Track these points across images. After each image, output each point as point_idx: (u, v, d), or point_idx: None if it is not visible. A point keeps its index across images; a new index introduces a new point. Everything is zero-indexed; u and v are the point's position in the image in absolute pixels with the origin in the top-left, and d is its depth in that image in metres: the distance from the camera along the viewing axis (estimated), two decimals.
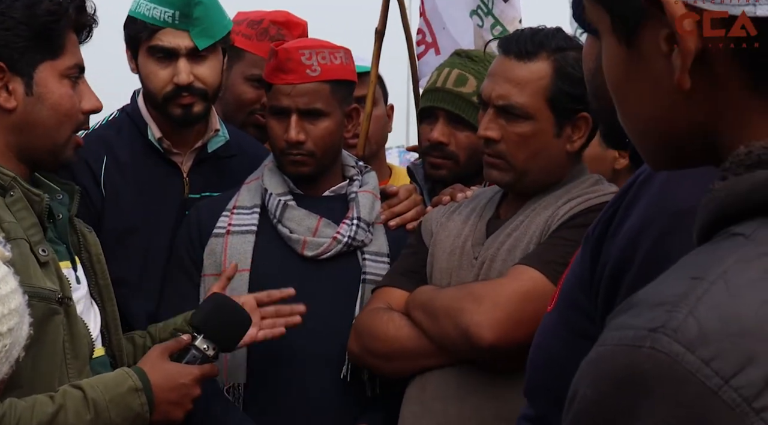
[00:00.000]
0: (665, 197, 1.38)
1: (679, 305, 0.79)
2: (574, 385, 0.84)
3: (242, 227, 2.79)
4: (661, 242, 1.36)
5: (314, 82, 2.78)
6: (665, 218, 1.37)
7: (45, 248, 2.22)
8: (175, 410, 2.30)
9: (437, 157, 2.99)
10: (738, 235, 0.84)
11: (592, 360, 0.83)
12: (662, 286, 0.83)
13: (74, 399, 2.14)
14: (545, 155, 2.49)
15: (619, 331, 0.81)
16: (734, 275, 0.80)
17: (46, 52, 2.28)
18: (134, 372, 2.27)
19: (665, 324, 0.78)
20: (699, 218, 0.90)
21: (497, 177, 2.51)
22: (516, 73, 2.45)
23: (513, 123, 2.45)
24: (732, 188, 0.87)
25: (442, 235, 2.59)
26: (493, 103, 2.46)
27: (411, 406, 2.50)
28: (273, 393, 2.72)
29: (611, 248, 1.42)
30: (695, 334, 0.77)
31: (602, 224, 1.45)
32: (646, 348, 0.78)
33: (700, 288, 0.79)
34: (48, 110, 2.29)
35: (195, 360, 2.36)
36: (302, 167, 2.80)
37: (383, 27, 3.45)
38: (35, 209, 2.25)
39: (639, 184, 1.42)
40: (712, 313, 0.78)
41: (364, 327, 2.57)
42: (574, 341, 1.46)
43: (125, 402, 2.20)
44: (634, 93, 0.97)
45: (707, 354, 0.76)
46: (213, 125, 3.01)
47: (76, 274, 2.35)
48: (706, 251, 0.85)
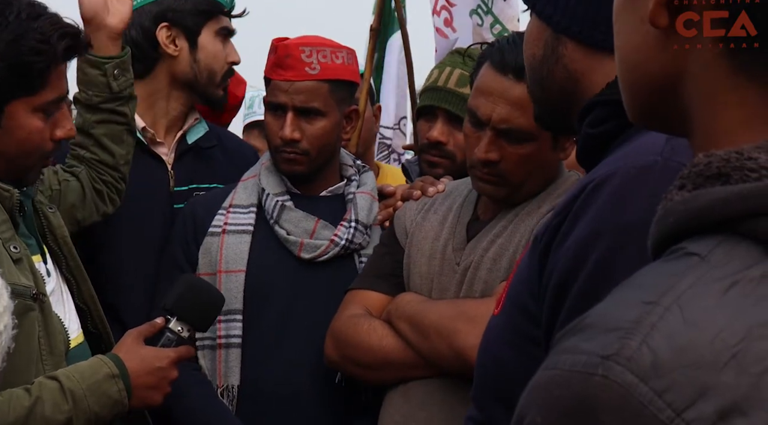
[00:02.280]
0: (614, 209, 1.37)
1: (632, 332, 0.77)
2: (522, 409, 0.82)
3: (238, 227, 2.76)
4: (608, 257, 1.35)
5: (312, 81, 2.75)
6: (613, 232, 1.36)
7: (17, 245, 2.19)
8: (154, 394, 2.28)
9: (435, 156, 2.97)
10: (693, 254, 0.81)
11: (541, 384, 0.81)
12: (614, 308, 0.81)
13: (51, 390, 2.12)
14: (542, 169, 2.46)
15: (571, 355, 0.79)
16: (689, 301, 0.78)
17: (21, 88, 2.19)
18: (109, 358, 2.24)
19: (618, 351, 0.76)
20: (655, 230, 0.88)
21: (492, 192, 2.46)
22: (516, 95, 2.33)
23: (515, 145, 2.40)
24: (690, 203, 0.84)
25: (419, 236, 2.55)
26: (493, 126, 2.39)
27: (393, 415, 2.47)
28: (267, 396, 2.69)
29: (558, 257, 1.40)
30: (649, 364, 0.75)
31: (551, 231, 1.43)
32: (598, 377, 0.76)
33: (654, 314, 0.77)
34: (15, 142, 2.23)
35: (170, 343, 2.33)
36: (296, 166, 2.77)
37: (378, 24, 3.44)
38: (5, 205, 2.21)
39: (588, 192, 1.40)
40: (667, 342, 0.76)
41: (343, 335, 2.53)
42: (522, 345, 1.47)
43: (102, 389, 2.19)
44: (623, 29, 0.95)
45: (660, 386, 0.75)
46: (194, 113, 3.02)
47: (46, 267, 2.32)
48: (659, 271, 0.83)
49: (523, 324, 1.48)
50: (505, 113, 2.37)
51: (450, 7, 3.81)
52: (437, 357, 2.40)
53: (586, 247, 1.37)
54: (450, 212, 2.56)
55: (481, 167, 2.43)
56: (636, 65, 0.93)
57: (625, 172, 1.39)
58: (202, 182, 2.96)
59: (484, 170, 2.43)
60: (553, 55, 1.55)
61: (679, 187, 0.86)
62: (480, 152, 2.41)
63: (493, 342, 1.57)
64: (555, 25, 1.54)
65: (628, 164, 1.39)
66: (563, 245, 1.40)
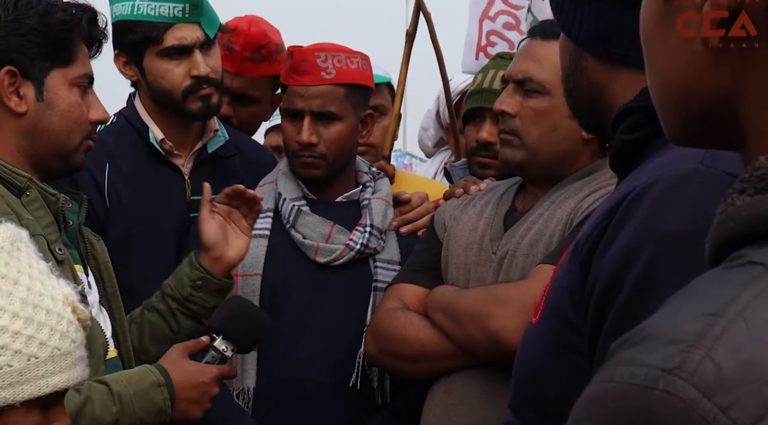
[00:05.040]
0: (656, 218, 1.37)
1: (695, 345, 0.73)
2: (575, 422, 0.78)
3: (255, 231, 2.77)
4: (653, 267, 1.34)
5: (328, 85, 2.77)
6: (656, 241, 1.35)
7: (61, 247, 2.25)
8: (195, 408, 2.32)
9: (485, 157, 2.99)
10: (756, 264, 0.78)
11: (597, 397, 0.76)
12: (675, 319, 0.77)
13: (100, 392, 2.18)
14: (558, 136, 2.45)
15: (629, 368, 0.75)
16: (755, 314, 0.74)
17: (57, 59, 2.32)
18: (156, 368, 2.30)
19: (681, 365, 0.73)
20: (714, 235, 0.85)
21: (509, 155, 2.47)
22: (537, 51, 2.45)
23: (529, 98, 2.44)
24: (752, 208, 0.81)
25: (457, 228, 2.56)
26: (512, 79, 2.47)
27: (435, 409, 2.47)
28: (282, 398, 2.71)
29: (602, 266, 1.39)
30: (713, 379, 0.72)
31: (592, 240, 1.42)
32: (659, 391, 0.73)
33: (717, 327, 0.74)
34: (58, 116, 2.32)
35: (213, 361, 2.37)
36: (313, 170, 2.78)
37: (414, 29, 3.41)
38: (51, 208, 2.28)
39: (630, 201, 1.40)
40: (732, 357, 0.72)
41: (381, 329, 2.54)
42: (561, 353, 1.45)
43: (148, 396, 2.24)
44: (662, 48, 0.91)
45: (725, 402, 0.71)
46: (212, 126, 3.00)
47: (87, 279, 2.37)
48: (721, 281, 0.79)
49: (563, 332, 1.46)
50: (524, 66, 2.45)
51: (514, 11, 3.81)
52: (472, 344, 2.39)
53: (629, 256, 1.36)
54: (488, 205, 2.56)
55: (500, 123, 2.47)
56: (684, 86, 0.89)
57: (666, 180, 1.39)
58: (218, 191, 2.97)
59: (501, 126, 2.47)
60: (577, 69, 1.58)
61: (739, 191, 0.83)
62: (497, 103, 2.47)
63: (531, 350, 1.56)
64: (574, 40, 1.57)
65: (668, 172, 1.39)
66: (606, 254, 1.39)
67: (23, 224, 2.16)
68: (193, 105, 2.88)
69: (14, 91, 2.30)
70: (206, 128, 3.00)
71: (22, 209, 2.22)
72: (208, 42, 2.88)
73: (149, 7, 2.83)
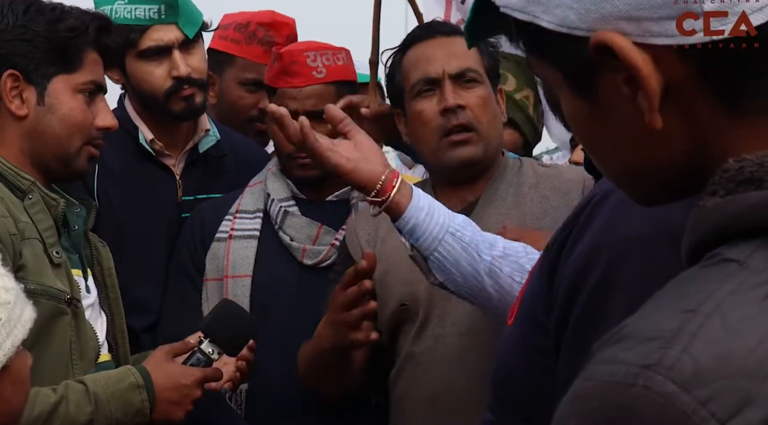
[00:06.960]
0: (615, 223, 1.37)
1: (672, 341, 0.75)
2: (559, 420, 0.80)
3: (245, 232, 2.77)
4: (609, 271, 1.34)
5: (321, 84, 2.77)
6: (613, 245, 1.35)
7: (59, 251, 2.28)
8: (176, 410, 2.32)
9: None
10: (731, 261, 0.79)
11: (579, 395, 0.78)
12: (653, 317, 0.78)
13: (76, 391, 2.19)
14: (499, 123, 2.51)
15: (609, 366, 0.77)
16: (730, 308, 0.76)
17: (62, 65, 2.36)
18: (137, 369, 2.31)
19: (659, 361, 0.74)
20: (689, 237, 0.86)
21: (470, 153, 2.45)
22: (454, 46, 2.47)
23: (471, 89, 2.46)
24: (724, 208, 0.83)
25: (391, 246, 2.45)
26: (448, 75, 2.46)
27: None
28: (273, 399, 2.71)
29: (564, 271, 1.41)
30: (691, 373, 0.73)
31: (560, 242, 1.44)
32: (638, 387, 0.74)
33: (694, 323, 0.75)
34: (58, 120, 2.36)
35: (199, 363, 2.37)
36: (310, 170, 2.77)
37: (376, 57, 3.30)
38: (52, 213, 2.32)
39: (593, 205, 1.40)
40: (709, 351, 0.74)
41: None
42: (532, 355, 1.46)
43: (126, 397, 2.25)
44: (607, 143, 0.93)
45: (704, 395, 0.73)
46: (203, 125, 3.01)
47: (86, 283, 2.40)
48: (697, 279, 0.81)
49: (534, 335, 1.47)
50: (454, 60, 2.47)
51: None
52: None
53: (588, 262, 1.37)
54: None
55: (453, 119, 2.44)
56: (642, 169, 0.92)
57: None
58: (210, 191, 2.96)
59: (455, 122, 2.44)
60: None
61: (710, 193, 0.84)
62: (450, 100, 2.44)
63: (506, 352, 1.57)
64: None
65: None
66: (569, 259, 1.40)
67: (20, 227, 2.21)
68: (176, 106, 2.89)
69: (17, 94, 2.35)
70: (197, 127, 3.00)
71: (22, 212, 2.25)
72: (189, 42, 2.88)
73: (126, 11, 2.85)
